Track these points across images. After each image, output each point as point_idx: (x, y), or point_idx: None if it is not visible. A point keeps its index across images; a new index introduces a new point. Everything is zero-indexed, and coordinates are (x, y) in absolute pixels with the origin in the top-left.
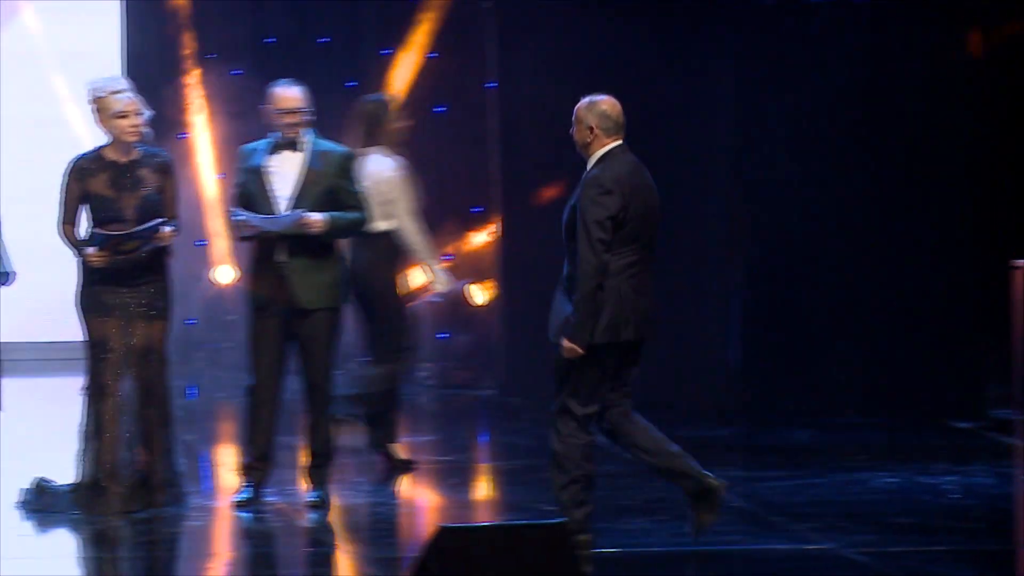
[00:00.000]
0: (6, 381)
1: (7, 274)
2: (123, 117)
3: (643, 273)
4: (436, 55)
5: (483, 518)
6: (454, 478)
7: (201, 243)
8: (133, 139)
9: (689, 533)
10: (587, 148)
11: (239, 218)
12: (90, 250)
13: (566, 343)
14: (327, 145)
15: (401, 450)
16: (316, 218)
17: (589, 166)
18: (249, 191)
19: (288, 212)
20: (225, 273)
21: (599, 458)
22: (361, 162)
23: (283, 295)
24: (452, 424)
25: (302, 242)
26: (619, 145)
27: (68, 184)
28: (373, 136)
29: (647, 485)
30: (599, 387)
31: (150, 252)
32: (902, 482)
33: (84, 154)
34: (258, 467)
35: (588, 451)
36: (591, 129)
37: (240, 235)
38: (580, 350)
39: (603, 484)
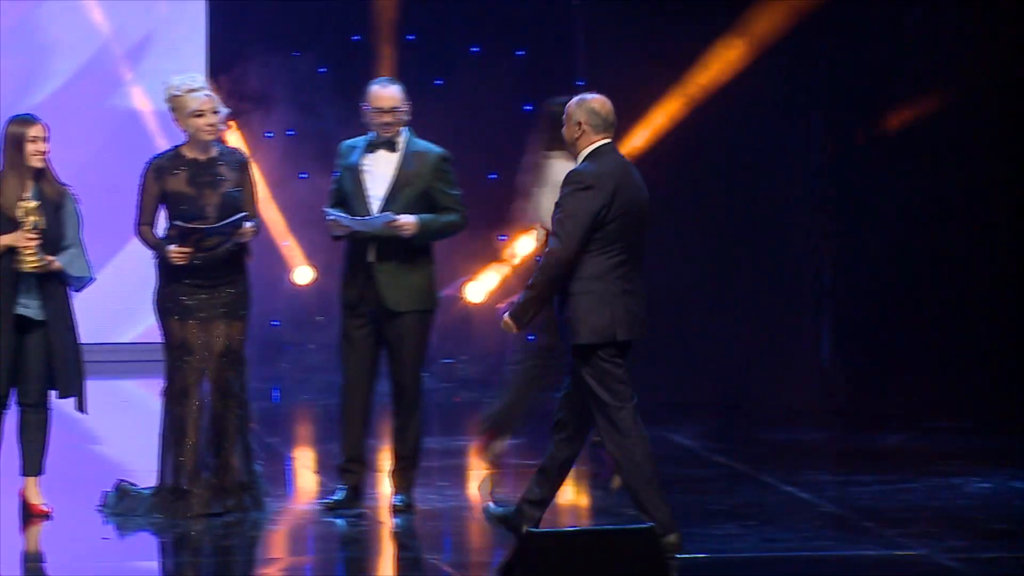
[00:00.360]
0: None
1: (86, 279)
2: (199, 116)
3: (632, 273)
4: (524, 52)
5: (571, 523)
6: None
7: (287, 243)
8: (210, 137)
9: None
10: (575, 145)
11: (331, 217)
12: (171, 247)
13: (505, 318)
14: (423, 145)
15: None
16: (406, 220)
17: (577, 163)
18: (344, 189)
19: (378, 214)
20: (303, 274)
21: (687, 462)
22: (543, 165)
23: (372, 296)
24: (542, 427)
25: (393, 244)
26: (608, 143)
27: (146, 184)
28: (556, 140)
29: (736, 489)
30: (624, 379)
31: (230, 250)
32: (995, 487)
33: (162, 153)
34: (351, 469)
35: (646, 449)
36: (579, 125)
37: (332, 234)
38: (515, 329)
39: (692, 488)
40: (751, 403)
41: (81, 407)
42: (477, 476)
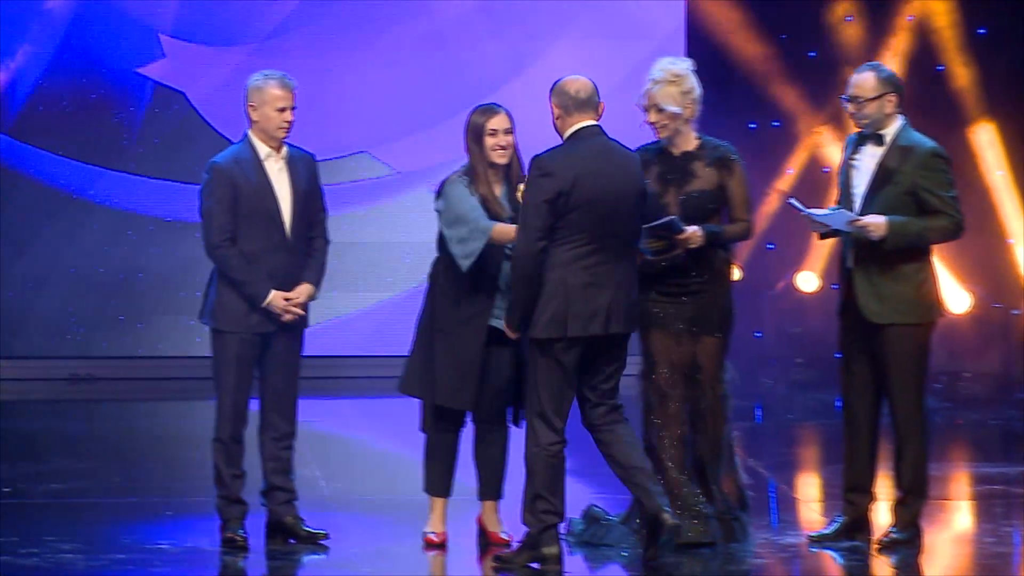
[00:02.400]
0: None
1: None
2: (645, 111)
3: (602, 266)
4: None
5: None
6: None
7: (771, 246)
8: (659, 134)
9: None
10: (559, 130)
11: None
12: None
13: (503, 323)
14: (913, 139)
15: None
16: (872, 221)
17: None
18: (839, 185)
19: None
20: (808, 280)
21: None
22: None
23: (854, 307)
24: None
25: (872, 247)
26: (589, 126)
27: None
28: None
29: None
30: (562, 386)
31: (677, 257)
32: None
33: (647, 144)
34: (851, 499)
35: (555, 462)
36: (555, 109)
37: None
38: (511, 334)
39: None
40: None
41: (518, 421)
42: (987, 509)
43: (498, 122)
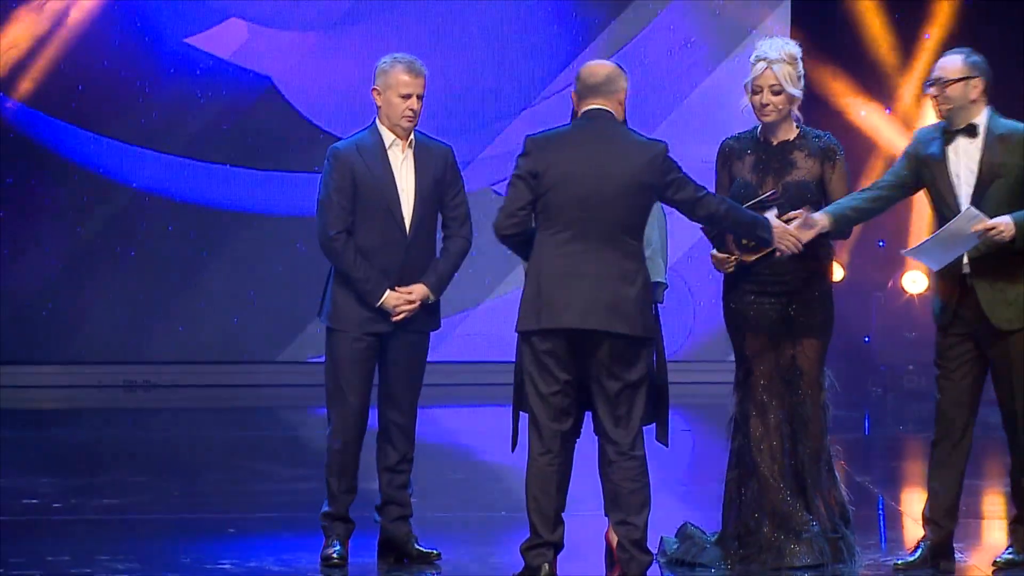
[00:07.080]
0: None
1: (658, 285)
2: (755, 92)
3: (587, 255)
4: None
5: None
6: None
7: (882, 243)
8: (766, 118)
9: None
10: (574, 114)
11: (919, 256)
12: (713, 252)
13: None
14: (1006, 125)
15: None
16: (998, 221)
17: None
18: (931, 195)
19: (947, 225)
20: (916, 281)
21: None
22: None
23: (970, 313)
24: None
25: (990, 247)
26: (594, 108)
27: (716, 167)
28: None
29: None
30: (547, 389)
31: (775, 253)
32: None
33: (738, 133)
34: (935, 520)
35: (547, 476)
36: (573, 94)
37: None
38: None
39: None
40: None
41: (662, 438)
42: None
43: None
